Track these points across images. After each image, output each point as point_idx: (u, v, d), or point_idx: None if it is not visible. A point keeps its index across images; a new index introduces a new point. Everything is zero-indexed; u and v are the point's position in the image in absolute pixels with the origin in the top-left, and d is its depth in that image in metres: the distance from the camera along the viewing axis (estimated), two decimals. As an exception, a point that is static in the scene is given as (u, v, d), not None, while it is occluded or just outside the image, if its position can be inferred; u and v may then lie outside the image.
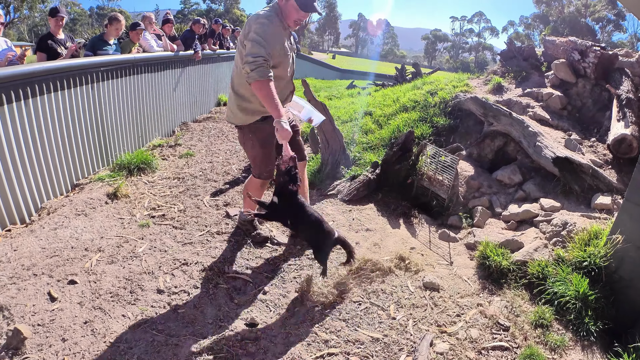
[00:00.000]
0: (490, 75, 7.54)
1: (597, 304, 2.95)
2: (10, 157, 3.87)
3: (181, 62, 7.51)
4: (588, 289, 2.99)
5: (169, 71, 7.09)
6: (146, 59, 6.33)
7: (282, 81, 3.13)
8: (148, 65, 6.38)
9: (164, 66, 6.91)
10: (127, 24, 6.67)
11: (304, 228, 3.04)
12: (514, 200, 4.69)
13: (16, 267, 3.23)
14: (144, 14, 7.57)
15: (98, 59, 5.34)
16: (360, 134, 6.09)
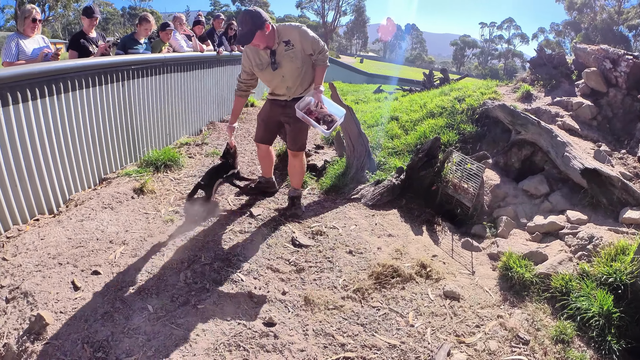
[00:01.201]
0: (520, 83, 7.41)
1: (621, 321, 2.85)
2: (42, 149, 3.99)
3: (209, 62, 7.60)
4: (612, 305, 2.89)
5: (197, 71, 7.17)
6: (176, 59, 6.43)
7: (271, 83, 3.96)
8: (177, 64, 6.46)
9: (192, 66, 7.00)
10: (157, 24, 6.79)
11: None
12: (540, 211, 4.58)
13: (42, 256, 3.31)
14: (175, 15, 7.70)
15: (129, 57, 5.46)
16: (386, 139, 6.04)
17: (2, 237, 3.61)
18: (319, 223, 4.08)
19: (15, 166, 3.71)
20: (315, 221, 4.13)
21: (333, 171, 5.09)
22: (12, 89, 3.60)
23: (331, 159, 5.49)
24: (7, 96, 3.56)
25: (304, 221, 4.12)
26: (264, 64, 3.78)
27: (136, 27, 6.14)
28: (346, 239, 3.79)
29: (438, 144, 4.61)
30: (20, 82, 3.69)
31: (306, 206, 4.47)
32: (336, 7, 71.18)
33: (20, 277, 3.06)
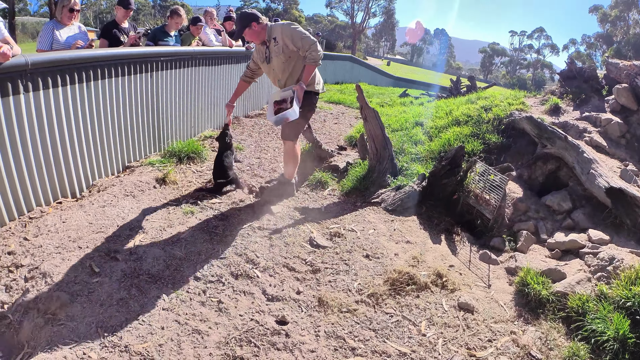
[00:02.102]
0: (548, 95, 7.27)
1: (636, 347, 2.76)
2: (68, 134, 4.07)
3: (237, 57, 7.64)
4: (628, 330, 2.80)
5: (225, 66, 7.21)
6: (204, 53, 6.48)
7: (269, 75, 4.39)
8: (205, 58, 6.52)
9: (220, 60, 7.04)
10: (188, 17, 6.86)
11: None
12: (561, 228, 4.50)
13: (63, 238, 3.38)
14: (206, 9, 7.79)
15: (158, 49, 5.54)
16: (410, 144, 5.99)
17: (25, 218, 3.69)
18: (337, 225, 4.07)
19: (42, 149, 3.79)
20: (334, 222, 4.12)
21: (355, 173, 5.07)
22: (44, 74, 3.68)
23: (353, 161, 5.47)
24: (38, 81, 3.65)
25: (323, 222, 4.12)
26: (261, 56, 4.25)
27: (167, 20, 6.21)
28: (364, 242, 3.77)
29: (462, 153, 4.56)
30: (51, 68, 3.76)
31: (326, 207, 4.48)
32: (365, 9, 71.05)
33: (40, 257, 3.13)
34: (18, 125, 3.52)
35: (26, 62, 3.44)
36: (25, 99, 3.55)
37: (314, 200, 4.65)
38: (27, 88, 3.55)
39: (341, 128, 8.17)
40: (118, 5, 5.50)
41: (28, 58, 3.47)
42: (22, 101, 3.51)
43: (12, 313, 2.68)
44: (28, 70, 3.49)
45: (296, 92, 4.02)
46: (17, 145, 3.53)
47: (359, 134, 6.24)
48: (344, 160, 5.54)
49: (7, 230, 3.51)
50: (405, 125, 6.88)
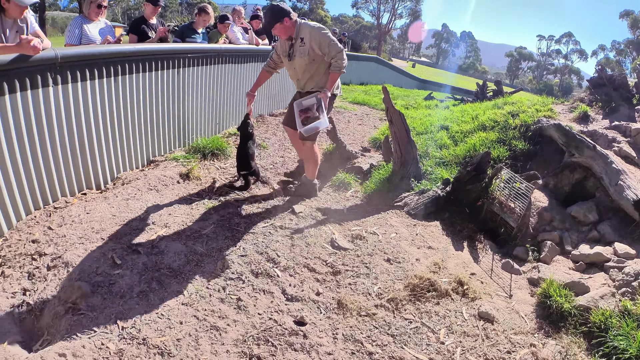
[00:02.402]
0: (577, 103, 7.11)
1: (659, 367, 2.69)
2: (95, 126, 4.15)
3: (264, 56, 7.64)
4: (651, 349, 2.73)
5: (251, 64, 7.24)
6: (231, 50, 6.52)
7: (289, 71, 4.42)
8: (232, 56, 6.55)
9: (246, 58, 7.07)
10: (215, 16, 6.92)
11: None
12: (586, 239, 4.39)
13: (86, 229, 3.43)
14: (235, 7, 7.85)
15: (186, 45, 5.60)
16: (434, 148, 5.93)
17: (50, 207, 3.76)
18: (359, 227, 4.03)
19: (68, 141, 3.86)
20: (356, 225, 4.09)
21: (378, 176, 5.03)
22: (73, 68, 3.75)
23: (377, 163, 5.43)
24: (67, 75, 3.71)
25: (345, 223, 4.09)
26: (285, 52, 4.24)
27: (195, 17, 6.27)
28: (385, 246, 3.73)
29: (488, 159, 4.48)
30: (80, 62, 3.83)
31: (348, 208, 4.44)
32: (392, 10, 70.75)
33: (64, 247, 3.18)
34: (46, 117, 3.58)
35: (56, 55, 3.50)
36: (54, 91, 3.62)
37: (336, 201, 4.62)
38: (57, 81, 3.61)
39: (365, 129, 8.12)
40: (147, 2, 5.58)
41: (58, 52, 3.53)
42: (51, 94, 3.58)
43: (33, 300, 2.73)
44: (57, 63, 3.55)
45: (322, 100, 4.03)
46: (44, 136, 3.60)
47: (383, 135, 6.19)
48: (368, 162, 5.51)
49: (33, 219, 3.57)
50: (430, 129, 6.80)
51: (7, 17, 3.42)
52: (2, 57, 3.06)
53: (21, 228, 3.45)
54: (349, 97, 11.57)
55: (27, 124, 3.42)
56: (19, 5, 3.36)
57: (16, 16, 3.46)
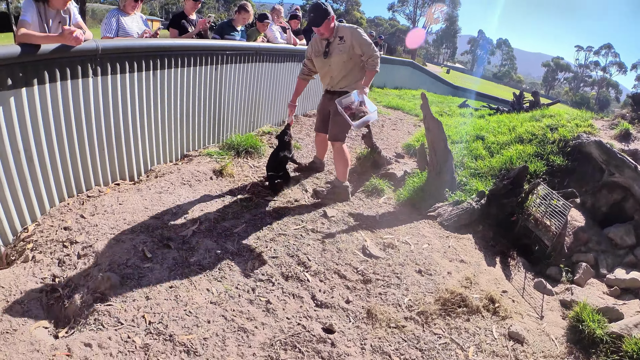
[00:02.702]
0: (618, 119, 6.87)
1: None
2: (132, 118, 4.21)
3: (300, 56, 7.65)
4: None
5: (287, 63, 7.25)
6: (269, 49, 6.53)
7: (321, 70, 4.52)
8: (270, 55, 6.57)
9: (284, 58, 7.08)
10: (255, 13, 6.95)
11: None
12: (623, 264, 4.23)
13: (118, 220, 3.46)
14: (274, 6, 7.88)
15: (224, 42, 5.63)
16: (470, 158, 5.82)
17: (83, 196, 3.82)
18: (391, 235, 3.97)
19: (105, 131, 3.94)
20: (388, 233, 4.03)
21: (412, 183, 4.95)
22: (112, 60, 3.82)
23: (411, 170, 5.35)
24: (107, 66, 3.78)
25: (377, 230, 4.03)
26: (319, 51, 4.37)
27: (234, 15, 6.31)
28: (417, 257, 3.66)
29: (525, 173, 4.37)
30: (121, 54, 3.90)
31: (380, 215, 4.37)
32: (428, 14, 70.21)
33: (95, 236, 3.21)
34: (85, 107, 3.66)
35: (97, 47, 3.56)
36: (94, 82, 3.69)
37: (368, 207, 4.56)
38: (97, 72, 3.69)
39: (399, 135, 8.02)
40: None
41: (99, 43, 3.60)
42: (90, 84, 3.66)
43: (62, 287, 2.77)
44: (98, 55, 3.62)
45: (364, 96, 4.15)
46: (82, 125, 3.68)
47: (417, 142, 6.11)
48: (402, 168, 5.43)
49: (66, 206, 3.63)
50: (466, 138, 6.67)
51: (51, 7, 3.45)
52: (44, 46, 3.12)
53: (54, 214, 3.51)
54: (383, 101, 11.46)
55: (65, 112, 3.49)
56: None
57: (59, 7, 3.49)
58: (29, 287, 2.72)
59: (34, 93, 3.19)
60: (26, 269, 2.87)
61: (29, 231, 3.31)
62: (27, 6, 3.32)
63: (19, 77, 3.05)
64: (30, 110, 3.18)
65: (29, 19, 3.26)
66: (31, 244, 3.15)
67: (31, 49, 3.04)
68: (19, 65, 3.03)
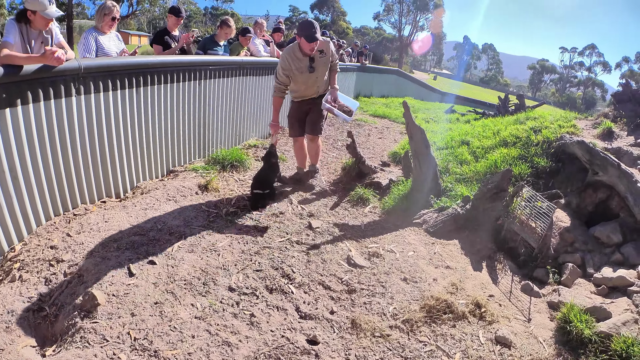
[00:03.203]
0: (601, 118, 6.91)
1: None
2: (116, 135, 4.23)
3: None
4: (674, 380, 2.61)
5: (272, 76, 7.29)
6: (252, 63, 6.57)
7: (302, 86, 4.73)
8: (253, 68, 6.61)
9: (268, 71, 7.13)
10: (237, 27, 7.00)
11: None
12: (610, 262, 4.24)
13: (104, 238, 3.48)
14: (257, 20, 7.94)
15: (208, 57, 5.67)
16: (455, 164, 5.85)
17: (69, 214, 3.84)
18: (376, 244, 3.99)
19: (90, 149, 3.95)
20: (373, 242, 4.04)
21: (397, 192, 4.97)
22: (95, 78, 3.85)
23: (396, 178, 5.36)
24: (90, 85, 3.81)
25: (362, 240, 4.04)
26: (303, 67, 4.57)
27: (217, 30, 6.36)
28: (402, 265, 3.67)
29: (509, 177, 4.40)
30: (103, 72, 3.93)
31: (366, 224, 4.39)
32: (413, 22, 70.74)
33: (81, 255, 3.23)
34: (68, 125, 3.69)
35: (79, 66, 3.60)
36: (77, 101, 3.72)
37: (354, 217, 4.58)
38: (80, 91, 3.72)
39: (385, 143, 8.06)
40: (170, 13, 5.67)
41: (81, 63, 3.64)
42: (73, 103, 3.69)
43: (48, 305, 2.79)
44: (81, 74, 3.65)
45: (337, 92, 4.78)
46: (66, 144, 3.70)
47: (403, 150, 6.13)
48: (387, 177, 5.45)
49: (52, 225, 3.65)
50: (451, 144, 6.72)
51: (33, 28, 3.52)
52: (27, 67, 3.17)
53: (40, 233, 3.53)
54: (370, 109, 11.53)
55: (49, 131, 3.52)
56: (45, 17, 3.45)
57: (42, 28, 3.55)
58: (16, 307, 2.73)
59: (18, 113, 3.22)
60: (13, 289, 2.89)
61: (16, 250, 3.33)
62: (10, 27, 3.38)
63: (3, 98, 3.08)
64: (14, 130, 3.21)
65: (11, 40, 3.31)
66: (18, 264, 3.16)
67: (14, 69, 3.09)
68: (2, 86, 3.07)
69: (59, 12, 3.56)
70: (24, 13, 3.44)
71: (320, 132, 5.01)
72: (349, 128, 8.54)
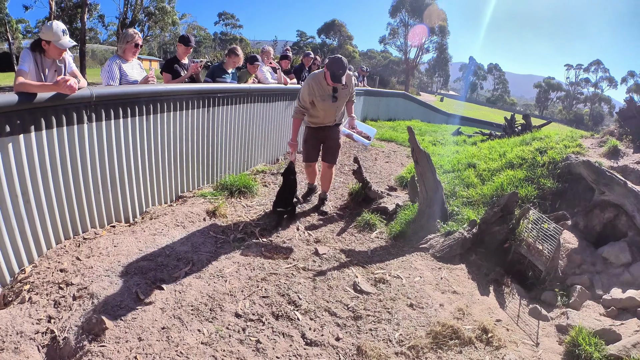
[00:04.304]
0: (606, 136, 6.86)
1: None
2: (126, 161, 4.31)
3: (292, 94, 7.81)
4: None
5: (279, 102, 7.40)
6: (260, 90, 6.67)
7: (321, 112, 4.90)
8: (261, 95, 6.71)
9: (275, 97, 7.23)
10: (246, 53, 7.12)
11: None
12: (619, 283, 4.19)
13: (113, 262, 3.50)
14: (264, 48, 8.07)
15: (216, 85, 5.75)
16: (462, 187, 5.86)
17: (79, 238, 3.89)
18: (383, 270, 3.99)
19: (100, 174, 4.03)
20: (379, 267, 4.05)
21: (404, 217, 4.98)
22: (107, 106, 3.95)
23: (403, 203, 5.37)
24: (102, 112, 3.91)
25: (368, 266, 4.05)
26: (326, 96, 4.78)
27: (225, 58, 6.48)
28: (409, 290, 3.67)
29: (515, 199, 4.40)
30: (114, 100, 4.04)
31: (372, 250, 4.41)
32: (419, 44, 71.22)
33: (90, 278, 3.25)
34: (80, 151, 3.77)
35: (91, 94, 3.70)
36: (89, 128, 3.81)
37: (360, 242, 4.59)
38: (91, 118, 3.81)
39: (392, 167, 8.08)
40: (179, 42, 5.79)
41: (93, 91, 3.73)
42: (85, 130, 3.77)
43: (57, 328, 2.79)
44: (92, 102, 3.75)
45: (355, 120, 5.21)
46: (78, 170, 3.78)
47: (410, 174, 6.16)
48: (394, 201, 5.46)
49: (62, 248, 3.70)
50: (458, 167, 6.74)
51: (47, 57, 3.64)
52: (41, 94, 3.27)
53: (51, 256, 3.58)
54: (377, 133, 11.58)
55: (61, 157, 3.60)
56: (58, 47, 3.56)
57: (55, 57, 3.67)
58: (25, 328, 2.75)
59: (31, 139, 3.30)
60: (22, 310, 2.91)
61: (26, 272, 3.37)
62: (25, 56, 3.51)
63: (17, 125, 3.16)
64: (27, 156, 3.29)
65: (26, 69, 3.43)
66: (28, 285, 3.19)
67: (28, 97, 3.18)
68: (16, 113, 3.15)
69: (73, 43, 3.67)
70: (38, 43, 3.56)
71: (335, 162, 5.28)
72: (356, 152, 8.60)
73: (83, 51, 33.98)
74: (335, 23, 73.75)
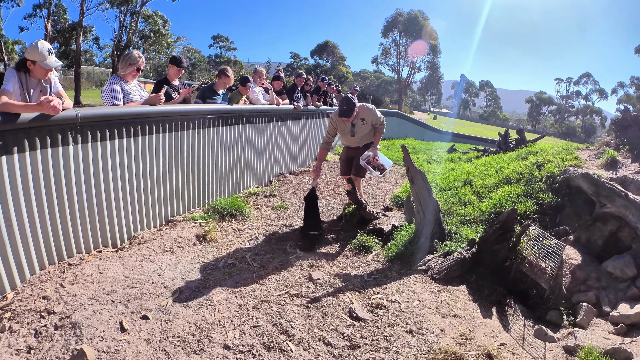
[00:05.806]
0: (603, 148, 6.81)
1: None
2: (114, 184, 4.20)
3: (284, 115, 7.78)
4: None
5: (271, 123, 7.37)
6: (251, 111, 6.64)
7: (345, 141, 5.94)
8: (253, 116, 6.68)
9: (267, 118, 7.20)
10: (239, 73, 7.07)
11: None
12: (626, 298, 4.06)
13: (97, 290, 3.40)
14: (256, 68, 8.05)
15: (206, 106, 5.71)
16: (458, 205, 5.75)
17: (64, 263, 3.79)
18: (380, 295, 3.83)
19: (86, 198, 3.93)
20: (376, 292, 3.88)
21: (400, 238, 4.86)
22: (93, 128, 3.86)
23: (399, 224, 5.26)
24: (87, 134, 3.81)
25: (365, 291, 3.89)
26: (346, 130, 5.64)
27: (216, 79, 6.42)
28: (408, 316, 3.49)
29: (514, 216, 4.27)
30: (100, 122, 3.95)
31: (368, 274, 4.27)
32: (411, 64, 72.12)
33: (73, 307, 3.15)
34: (65, 174, 3.68)
35: (77, 115, 3.63)
36: (74, 150, 3.73)
37: (356, 266, 4.46)
38: (77, 140, 3.73)
39: (387, 187, 8.01)
40: (171, 63, 5.71)
41: (79, 112, 3.66)
42: (70, 152, 3.69)
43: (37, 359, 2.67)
44: (78, 123, 3.67)
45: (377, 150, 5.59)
46: (62, 193, 3.68)
47: (405, 194, 6.09)
48: (390, 222, 5.33)
49: (46, 274, 3.60)
50: (454, 184, 6.66)
51: (32, 77, 3.58)
52: (24, 115, 3.20)
53: (34, 282, 3.48)
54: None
55: (46, 180, 3.51)
56: (44, 67, 3.50)
57: (41, 77, 3.61)
58: (4, 359, 2.63)
59: (14, 161, 3.22)
60: (2, 340, 2.81)
61: (8, 299, 3.27)
62: (10, 76, 3.46)
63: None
64: (10, 178, 3.21)
65: (10, 88, 3.37)
66: (9, 313, 3.08)
67: (10, 117, 3.11)
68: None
69: (59, 63, 3.62)
70: (23, 62, 3.51)
71: (361, 175, 5.91)
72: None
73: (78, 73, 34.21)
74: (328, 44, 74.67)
